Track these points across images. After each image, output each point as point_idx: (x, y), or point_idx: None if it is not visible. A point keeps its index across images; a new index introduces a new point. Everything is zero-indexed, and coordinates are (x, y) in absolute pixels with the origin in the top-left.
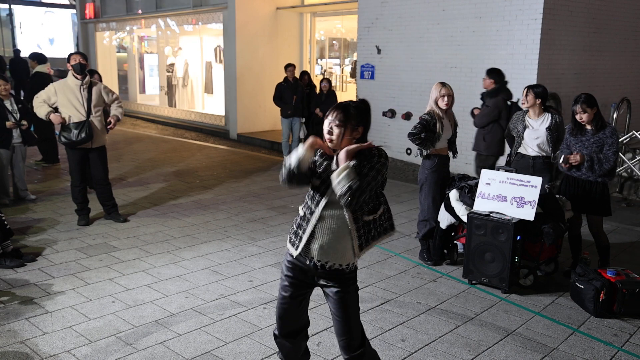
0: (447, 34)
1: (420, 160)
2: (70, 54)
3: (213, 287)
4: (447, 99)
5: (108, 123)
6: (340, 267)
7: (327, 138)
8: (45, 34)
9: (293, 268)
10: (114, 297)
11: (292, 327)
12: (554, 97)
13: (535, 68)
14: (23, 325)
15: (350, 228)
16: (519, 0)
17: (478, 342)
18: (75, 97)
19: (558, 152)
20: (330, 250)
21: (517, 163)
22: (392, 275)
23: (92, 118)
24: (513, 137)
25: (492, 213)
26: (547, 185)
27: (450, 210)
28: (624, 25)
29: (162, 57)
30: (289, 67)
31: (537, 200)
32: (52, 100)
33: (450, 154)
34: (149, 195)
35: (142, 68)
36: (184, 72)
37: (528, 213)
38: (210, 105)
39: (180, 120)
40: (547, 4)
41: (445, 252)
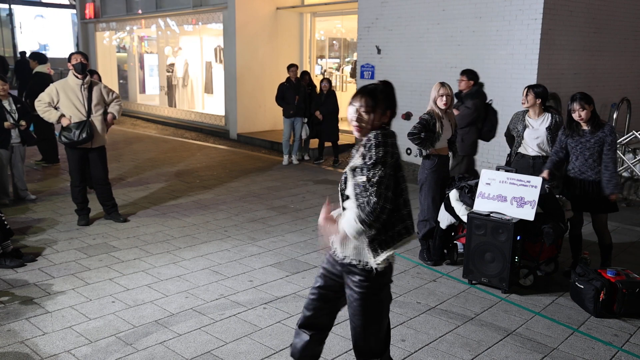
0: (447, 34)
1: (420, 160)
2: (71, 54)
3: (213, 287)
4: (445, 99)
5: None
6: (352, 261)
7: (354, 125)
8: (44, 36)
9: (327, 261)
10: (114, 297)
11: (309, 319)
12: (554, 97)
13: (535, 68)
14: (23, 325)
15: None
16: (519, 0)
17: (478, 342)
18: (76, 96)
19: (551, 157)
20: (348, 242)
21: (517, 163)
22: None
23: (92, 118)
24: (513, 137)
25: (492, 213)
26: (547, 185)
27: (450, 210)
28: (624, 25)
29: (162, 57)
30: (292, 67)
31: (537, 200)
32: (54, 101)
33: (451, 154)
34: (149, 195)
35: (142, 68)
36: (184, 72)
37: (528, 213)
38: (210, 105)
39: (180, 120)
40: (547, 4)
41: (445, 252)
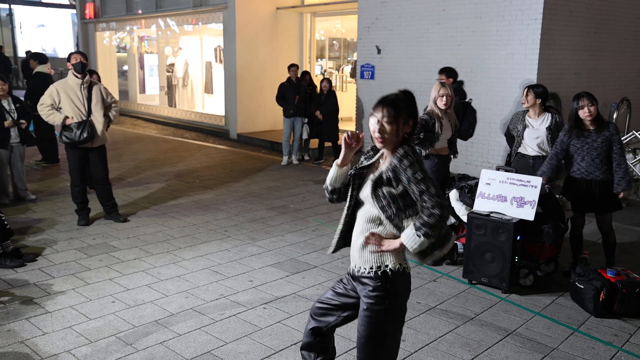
0: (447, 34)
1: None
2: (71, 53)
3: (213, 287)
4: (445, 99)
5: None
6: (364, 270)
7: (376, 137)
8: (45, 41)
9: (348, 272)
10: (114, 297)
11: (317, 315)
12: (554, 97)
13: (535, 68)
14: (23, 325)
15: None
16: (519, 0)
17: (478, 342)
18: (76, 96)
19: (550, 162)
20: (355, 251)
21: (517, 163)
22: None
23: (92, 117)
24: (512, 136)
25: (492, 213)
26: (547, 185)
27: (450, 210)
28: (624, 25)
29: (162, 57)
30: (292, 67)
31: (537, 200)
32: (56, 101)
33: (451, 154)
34: (149, 195)
35: (142, 68)
36: (184, 72)
37: (528, 213)
38: (210, 105)
39: (180, 120)
40: (547, 4)
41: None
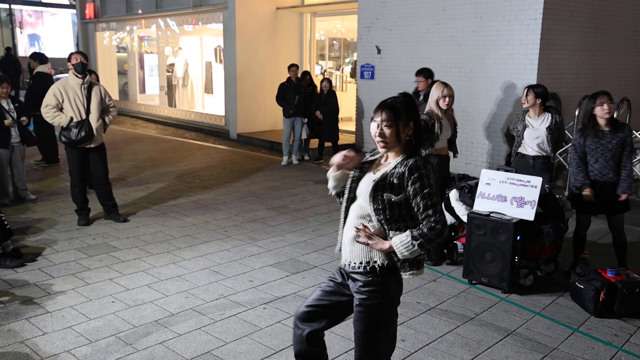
0: (447, 34)
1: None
2: (71, 54)
3: (213, 287)
4: (448, 100)
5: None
6: (354, 265)
7: (378, 141)
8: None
9: (339, 268)
10: (114, 297)
11: (306, 320)
12: (554, 97)
13: (535, 68)
14: (23, 325)
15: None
16: (519, 0)
17: (478, 342)
18: (77, 96)
19: (580, 167)
20: (346, 246)
21: (517, 163)
22: None
23: (91, 117)
24: (512, 136)
25: (492, 213)
26: (547, 185)
27: (450, 210)
28: (624, 25)
29: (162, 57)
30: (292, 67)
31: (537, 200)
32: (60, 101)
33: (451, 154)
34: (149, 195)
35: (142, 68)
36: (184, 72)
37: (528, 213)
38: (210, 105)
39: (180, 120)
40: (547, 4)
41: (445, 252)
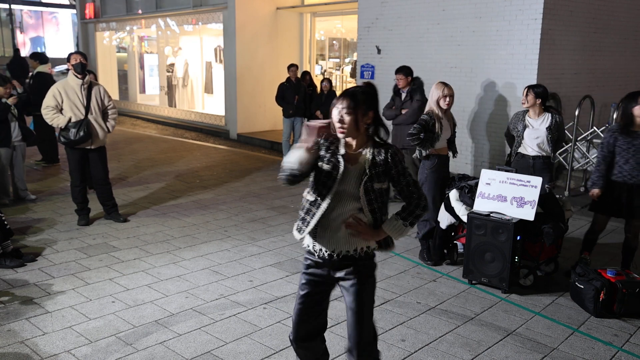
0: (447, 34)
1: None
2: (71, 54)
3: (213, 287)
4: (449, 99)
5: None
6: (348, 253)
7: (338, 127)
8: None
9: (309, 265)
10: (114, 297)
11: (307, 329)
12: (554, 97)
13: (535, 68)
14: (23, 325)
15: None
16: (519, 0)
17: (478, 342)
18: (77, 96)
19: (600, 167)
20: (335, 237)
21: (517, 163)
22: (392, 275)
23: (90, 117)
24: (513, 136)
25: (492, 213)
26: (547, 185)
27: (450, 210)
28: (624, 25)
29: (162, 57)
30: (292, 67)
31: (537, 200)
32: (60, 102)
33: (450, 154)
34: (149, 195)
35: (142, 68)
36: (184, 72)
37: (528, 213)
38: (210, 105)
39: (180, 120)
40: (547, 4)
41: (445, 252)
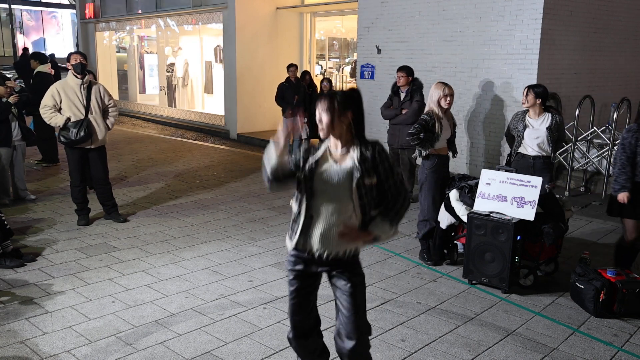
0: (447, 34)
1: (420, 161)
2: (70, 54)
3: (213, 287)
4: (449, 99)
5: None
6: (336, 253)
7: (319, 127)
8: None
9: (295, 261)
10: (114, 297)
11: (304, 324)
12: (554, 97)
13: (535, 68)
14: (23, 325)
15: (345, 211)
16: (519, 0)
17: (478, 342)
18: (76, 96)
19: (625, 169)
20: (324, 240)
21: (517, 163)
22: (392, 275)
23: (90, 117)
24: (513, 136)
25: (492, 213)
26: (547, 185)
27: (450, 210)
28: (624, 25)
29: (162, 57)
30: (291, 67)
31: (537, 200)
32: (58, 102)
33: (450, 154)
34: (149, 195)
35: (142, 68)
36: (184, 72)
37: (528, 213)
38: (210, 105)
39: (180, 120)
40: (547, 4)
41: (445, 252)
